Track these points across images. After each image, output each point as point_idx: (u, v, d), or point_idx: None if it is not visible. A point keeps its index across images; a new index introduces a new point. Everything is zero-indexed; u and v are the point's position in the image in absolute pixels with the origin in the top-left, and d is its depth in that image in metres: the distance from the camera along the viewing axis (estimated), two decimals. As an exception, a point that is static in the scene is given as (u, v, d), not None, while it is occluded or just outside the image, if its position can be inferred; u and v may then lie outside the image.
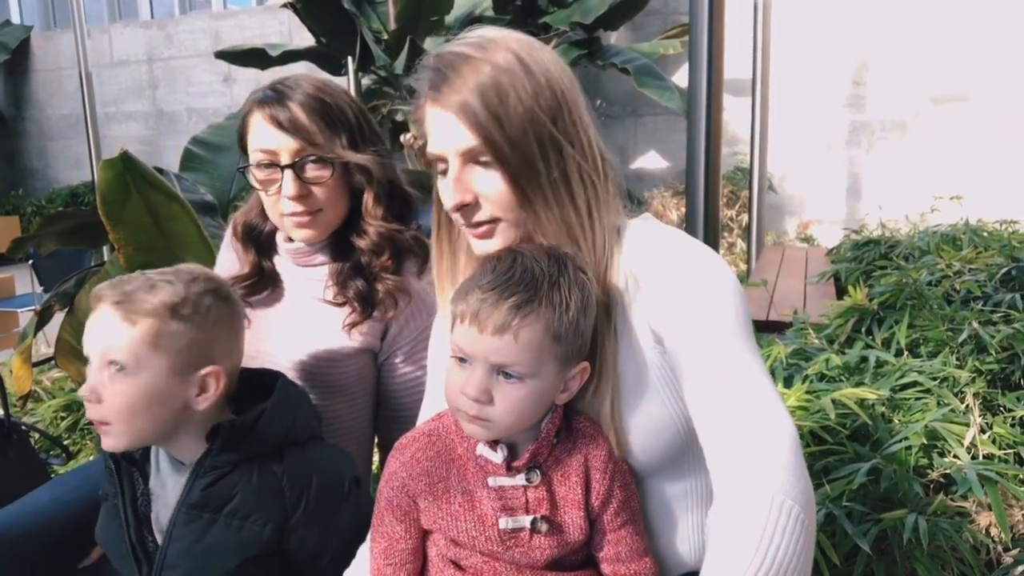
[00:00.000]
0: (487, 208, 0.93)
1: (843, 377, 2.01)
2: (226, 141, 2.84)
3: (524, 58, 0.90)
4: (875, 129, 6.04)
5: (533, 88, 0.89)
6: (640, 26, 6.52)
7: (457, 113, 0.89)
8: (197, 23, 8.39)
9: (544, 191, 0.91)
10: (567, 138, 0.92)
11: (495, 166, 0.90)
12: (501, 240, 0.94)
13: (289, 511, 1.02)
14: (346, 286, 1.28)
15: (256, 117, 1.24)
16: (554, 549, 0.88)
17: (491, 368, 0.84)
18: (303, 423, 1.10)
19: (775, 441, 0.81)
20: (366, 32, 5.53)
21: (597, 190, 0.94)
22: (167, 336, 0.99)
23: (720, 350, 0.88)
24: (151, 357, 0.98)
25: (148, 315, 0.98)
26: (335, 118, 1.25)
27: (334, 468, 1.09)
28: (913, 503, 1.55)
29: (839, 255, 4.15)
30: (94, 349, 0.99)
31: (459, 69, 0.89)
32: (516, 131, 0.88)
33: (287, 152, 1.22)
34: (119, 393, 0.97)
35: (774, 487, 0.76)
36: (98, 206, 1.84)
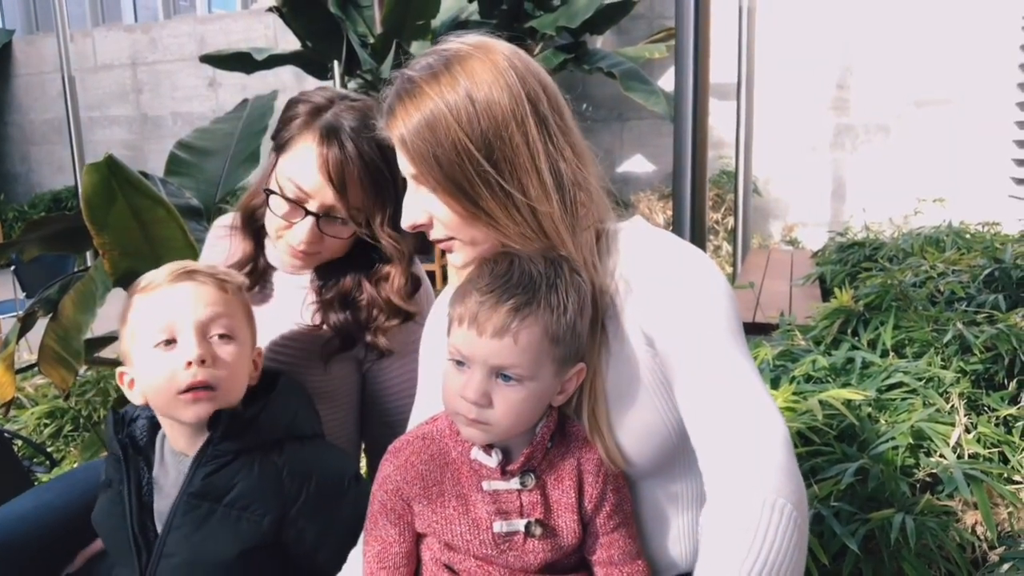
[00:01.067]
0: (439, 228, 0.95)
1: (830, 378, 2.02)
2: (212, 145, 2.83)
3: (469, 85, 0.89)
4: (859, 132, 6.09)
5: (468, 116, 0.88)
6: (625, 30, 6.55)
7: (398, 143, 0.92)
8: (182, 27, 8.34)
9: (494, 208, 0.91)
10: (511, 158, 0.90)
11: (436, 191, 0.93)
12: (462, 256, 0.97)
13: (288, 503, 1.03)
14: (327, 313, 1.26)
15: (308, 146, 1.17)
16: (548, 553, 0.88)
17: (490, 371, 0.84)
18: (305, 419, 1.11)
19: (767, 442, 0.81)
20: (352, 36, 5.52)
21: (553, 203, 0.92)
22: (246, 310, 1.10)
23: (712, 352, 0.88)
24: (245, 324, 1.09)
25: (237, 287, 1.09)
26: (386, 192, 1.19)
27: (335, 464, 1.10)
28: (900, 503, 1.56)
29: (824, 257, 4.18)
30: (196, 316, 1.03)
31: (405, 102, 0.91)
32: (451, 161, 0.89)
33: (321, 201, 1.17)
34: (230, 355, 1.04)
35: (767, 487, 0.77)
36: (83, 210, 1.82)
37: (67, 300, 2.20)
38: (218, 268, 1.10)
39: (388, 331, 1.25)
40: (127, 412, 1.11)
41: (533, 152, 0.91)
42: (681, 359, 0.89)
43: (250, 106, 3.08)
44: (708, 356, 0.88)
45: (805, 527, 0.78)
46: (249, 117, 2.97)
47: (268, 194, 1.21)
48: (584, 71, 5.93)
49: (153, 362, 1.01)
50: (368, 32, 5.94)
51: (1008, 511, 1.61)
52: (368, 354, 1.29)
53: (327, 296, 1.27)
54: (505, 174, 0.90)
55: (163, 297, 1.02)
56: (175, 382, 1.00)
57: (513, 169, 0.91)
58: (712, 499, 0.81)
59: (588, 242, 0.95)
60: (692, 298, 0.90)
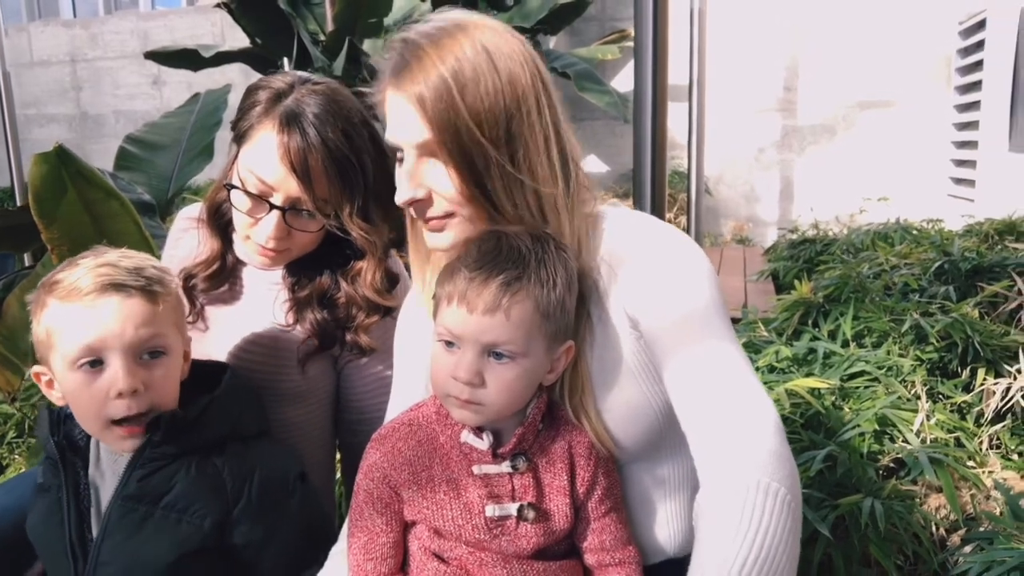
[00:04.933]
0: (440, 203, 0.90)
1: (793, 368, 2.05)
2: (163, 139, 2.74)
3: (491, 51, 0.87)
4: (805, 134, 6.23)
5: (494, 85, 0.86)
6: (578, 32, 6.59)
7: (415, 105, 0.86)
8: (124, 23, 8.10)
9: (498, 188, 0.88)
10: (527, 135, 0.89)
11: (448, 162, 0.88)
12: (453, 235, 0.92)
13: (230, 505, 0.98)
14: (302, 312, 1.20)
15: (269, 134, 1.09)
16: (540, 537, 0.86)
17: (482, 349, 0.82)
18: (250, 418, 1.06)
19: (759, 425, 0.81)
20: (303, 33, 5.43)
21: (559, 184, 0.91)
22: (179, 311, 1.02)
23: (699, 335, 0.87)
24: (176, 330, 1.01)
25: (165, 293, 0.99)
26: (354, 181, 1.12)
27: (277, 463, 1.05)
28: (867, 488, 1.59)
29: (776, 254, 4.26)
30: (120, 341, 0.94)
31: (421, 58, 0.86)
32: (470, 129, 0.85)
33: (285, 194, 1.10)
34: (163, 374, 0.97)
35: (760, 470, 0.76)
36: (30, 203, 1.74)
37: (12, 299, 2.11)
38: (147, 267, 0.97)
39: (368, 328, 1.20)
40: (63, 410, 1.02)
41: (545, 131, 0.90)
42: (667, 343, 0.88)
43: (202, 100, 2.99)
44: (695, 339, 0.86)
45: (799, 510, 0.77)
46: (202, 111, 2.89)
47: (229, 189, 1.14)
48: (538, 71, 5.93)
49: (78, 383, 0.94)
50: (319, 30, 5.85)
51: (971, 493, 1.65)
52: (347, 352, 1.23)
53: (301, 294, 1.21)
54: (519, 153, 0.88)
55: (87, 314, 0.92)
56: (105, 411, 0.93)
57: (526, 147, 0.89)
58: (705, 484, 0.80)
59: (583, 225, 0.94)
60: (676, 280, 0.89)
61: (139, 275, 0.95)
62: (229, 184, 1.14)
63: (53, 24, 8.51)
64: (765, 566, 0.69)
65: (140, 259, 0.99)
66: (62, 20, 8.67)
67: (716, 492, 0.77)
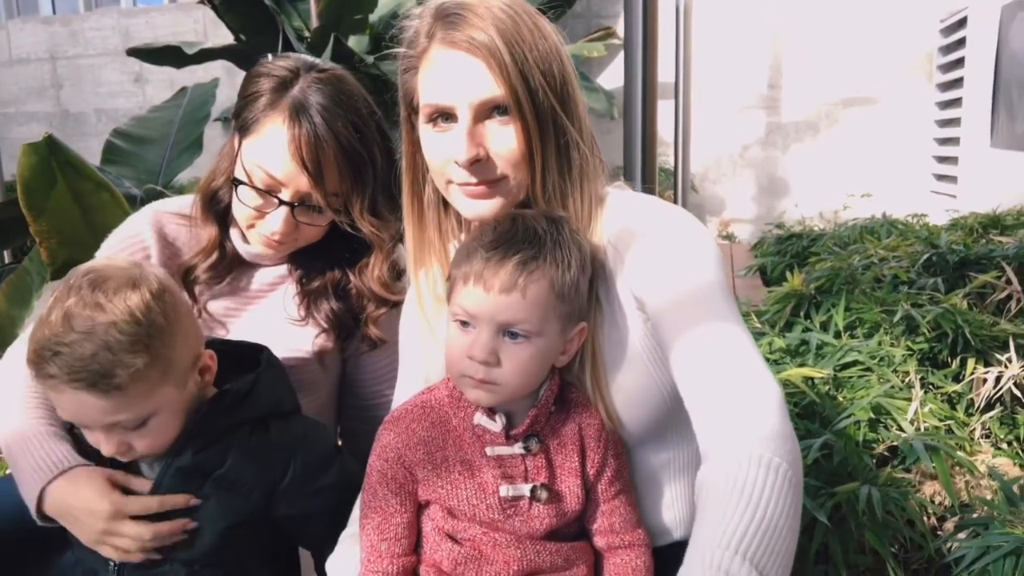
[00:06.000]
0: (498, 165, 0.89)
1: (786, 359, 2.06)
2: (151, 133, 2.71)
3: (534, 15, 0.89)
4: (789, 130, 6.28)
5: (547, 47, 0.88)
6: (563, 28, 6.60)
7: (485, 58, 0.85)
8: (105, 20, 8.01)
9: (549, 153, 0.89)
10: (576, 99, 0.91)
11: (514, 121, 0.87)
12: (497, 202, 0.91)
13: (277, 478, 1.00)
14: (316, 303, 1.18)
15: (277, 127, 1.06)
16: (552, 518, 0.86)
17: (498, 328, 0.82)
18: (288, 396, 1.07)
19: (761, 402, 0.80)
20: (288, 29, 5.39)
21: (586, 161, 0.93)
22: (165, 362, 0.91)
23: (703, 313, 0.86)
24: (158, 396, 0.92)
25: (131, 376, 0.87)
26: (364, 175, 1.10)
27: (318, 437, 1.06)
28: (863, 475, 1.60)
29: (763, 250, 4.29)
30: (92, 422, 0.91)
31: (480, 15, 0.86)
32: (542, 85, 0.86)
33: (295, 189, 1.08)
34: (146, 437, 0.93)
35: (762, 445, 0.76)
36: (19, 194, 1.72)
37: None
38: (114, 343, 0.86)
39: (378, 320, 1.19)
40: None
41: (582, 104, 0.92)
42: (672, 322, 0.87)
43: (190, 94, 2.96)
44: (699, 318, 0.86)
45: (800, 486, 0.77)
46: (189, 104, 2.86)
47: (236, 184, 1.10)
48: (524, 68, 5.93)
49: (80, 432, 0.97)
50: (304, 26, 5.81)
51: (965, 480, 1.66)
52: (359, 345, 1.22)
53: (312, 286, 1.19)
54: (572, 116, 0.89)
55: (60, 399, 0.90)
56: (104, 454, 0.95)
57: (576, 111, 0.90)
58: (707, 458, 0.80)
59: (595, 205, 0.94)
60: (680, 260, 0.89)
61: (88, 368, 0.86)
62: (236, 179, 1.11)
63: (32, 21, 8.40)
64: (765, 538, 0.69)
65: (99, 337, 0.86)
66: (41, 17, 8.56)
67: (718, 465, 0.77)
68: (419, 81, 0.92)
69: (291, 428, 1.03)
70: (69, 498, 0.96)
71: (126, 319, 0.87)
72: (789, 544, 0.71)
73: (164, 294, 0.93)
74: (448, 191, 0.94)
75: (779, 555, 0.68)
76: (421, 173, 0.98)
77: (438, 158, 0.91)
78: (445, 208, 1.00)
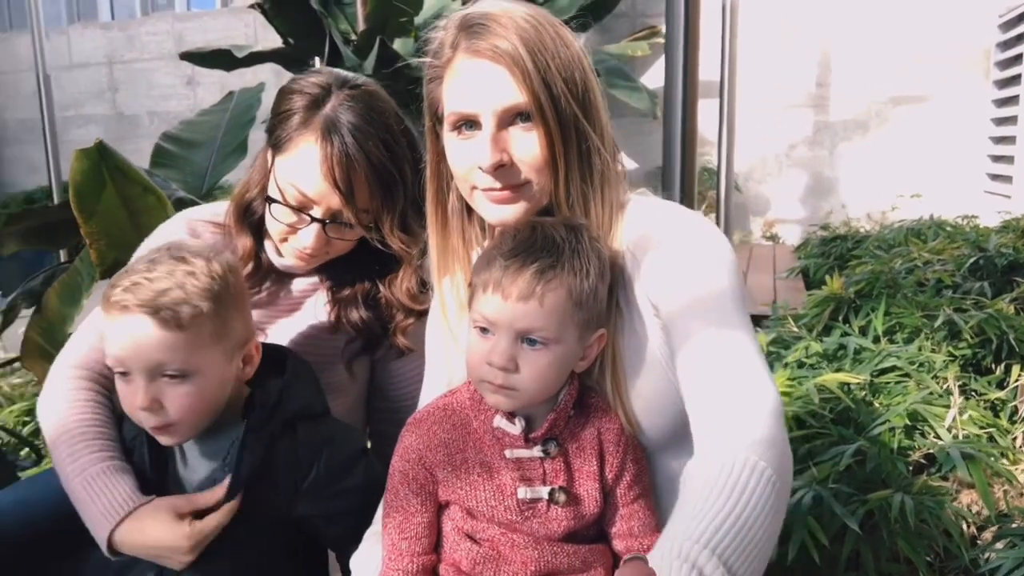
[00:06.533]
0: (521, 170, 0.92)
1: (822, 364, 2.03)
2: (199, 137, 2.79)
3: (557, 25, 0.91)
4: (837, 129, 6.16)
5: (570, 54, 0.90)
6: (608, 28, 6.56)
7: (509, 66, 0.87)
8: (160, 25, 8.24)
9: (571, 159, 0.91)
10: (598, 107, 0.93)
11: (537, 127, 0.89)
12: (521, 207, 0.93)
13: (299, 480, 1.03)
14: (346, 311, 1.21)
15: (309, 146, 1.08)
16: (571, 521, 0.88)
17: (516, 335, 0.84)
18: (317, 398, 1.10)
19: (755, 406, 0.81)
20: (335, 33, 5.48)
21: (608, 167, 0.95)
22: (222, 323, 0.97)
23: (711, 320, 0.87)
24: (207, 354, 0.97)
25: (193, 317, 0.94)
26: (394, 193, 1.12)
27: (344, 439, 1.09)
28: (897, 483, 1.57)
29: (807, 251, 4.22)
30: (137, 362, 0.95)
31: (502, 23, 0.88)
32: (564, 91, 0.88)
33: (326, 206, 1.10)
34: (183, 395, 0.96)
35: (750, 449, 0.76)
36: (71, 197, 1.79)
37: (51, 292, 2.16)
38: (189, 286, 0.95)
39: (406, 330, 1.22)
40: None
41: (604, 112, 0.94)
42: (680, 327, 0.88)
43: (236, 98, 3.05)
44: (707, 325, 0.87)
45: (784, 495, 0.77)
46: (236, 109, 2.94)
47: (269, 202, 1.14)
48: (567, 69, 5.93)
49: (119, 386, 0.99)
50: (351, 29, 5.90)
51: (1003, 489, 1.63)
52: (387, 351, 1.26)
53: (342, 295, 1.22)
54: (593, 122, 0.91)
55: (119, 328, 0.94)
56: (135, 415, 0.98)
57: (597, 118, 0.92)
58: (695, 455, 0.81)
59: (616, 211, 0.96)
60: (693, 266, 0.90)
61: (176, 296, 0.94)
62: (269, 197, 1.15)
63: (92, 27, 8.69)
64: (738, 537, 0.69)
65: (177, 278, 0.96)
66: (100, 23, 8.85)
67: (702, 462, 0.78)
68: (444, 90, 0.94)
69: (318, 430, 1.06)
70: (139, 539, 0.99)
71: (204, 272, 0.97)
72: (763, 547, 0.71)
73: (235, 269, 1.03)
74: (472, 197, 0.96)
75: (750, 556, 0.69)
76: (445, 181, 1.00)
77: (463, 165, 0.94)
78: (469, 216, 1.02)
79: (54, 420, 1.09)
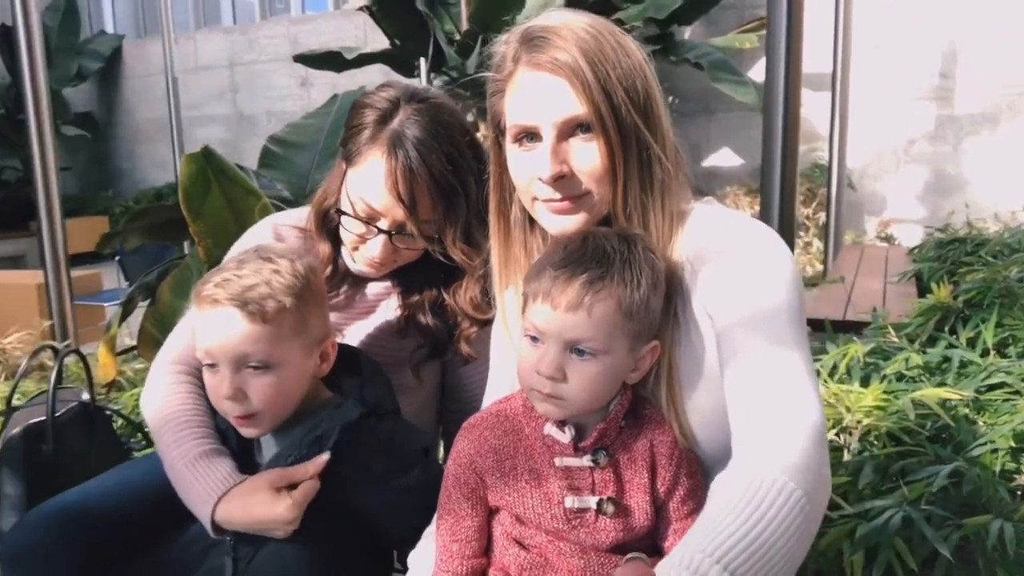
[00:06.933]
0: (582, 181, 0.92)
1: (923, 377, 1.93)
2: (303, 139, 2.94)
3: (618, 34, 0.92)
4: (963, 123, 5.78)
5: (631, 64, 0.90)
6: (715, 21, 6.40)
7: (568, 78, 0.88)
8: (277, 28, 8.64)
9: (632, 168, 0.91)
10: (660, 116, 0.93)
11: (597, 138, 0.90)
12: (582, 217, 0.94)
13: (360, 474, 1.07)
14: (415, 316, 1.26)
15: (376, 161, 1.14)
16: (619, 532, 0.88)
17: (564, 345, 0.85)
18: (388, 397, 1.15)
19: (794, 426, 0.79)
20: (439, 33, 5.59)
21: (669, 176, 0.94)
22: (303, 319, 1.05)
23: (763, 335, 0.85)
24: (287, 348, 1.03)
25: (277, 311, 1.01)
26: (457, 206, 1.17)
27: (406, 438, 1.13)
28: (998, 509, 1.47)
29: (922, 254, 3.99)
30: (224, 353, 1.02)
31: (562, 35, 0.89)
32: (625, 101, 0.89)
33: (392, 218, 1.16)
34: (265, 386, 1.02)
35: (782, 471, 0.74)
36: (180, 199, 1.92)
37: (164, 286, 2.32)
38: (274, 283, 1.03)
39: (470, 338, 1.25)
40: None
41: (666, 120, 0.94)
42: (730, 340, 0.87)
43: (339, 101, 3.17)
44: (759, 341, 0.85)
45: (815, 519, 0.75)
46: (338, 112, 3.06)
47: (340, 215, 1.21)
48: (671, 63, 5.84)
49: (206, 378, 1.06)
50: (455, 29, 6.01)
51: (1121, 521, 1.49)
52: (454, 358, 1.29)
53: (411, 300, 1.27)
54: (655, 133, 0.91)
55: (209, 321, 1.02)
56: (220, 405, 1.05)
57: (659, 128, 0.92)
58: (726, 469, 0.80)
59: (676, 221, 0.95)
60: (750, 280, 0.88)
61: (262, 292, 1.01)
62: (340, 210, 1.21)
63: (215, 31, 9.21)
64: (754, 557, 0.68)
65: (263, 275, 1.03)
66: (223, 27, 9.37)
67: (731, 477, 0.77)
68: (506, 104, 0.96)
69: (380, 428, 1.10)
70: (243, 515, 1.05)
71: (288, 271, 1.05)
72: (781, 570, 0.70)
73: (316, 271, 1.10)
74: (534, 208, 0.97)
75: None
76: (508, 193, 1.02)
77: (524, 176, 0.95)
78: (531, 227, 1.03)
79: (157, 411, 1.18)
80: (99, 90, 10.17)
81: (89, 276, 5.19)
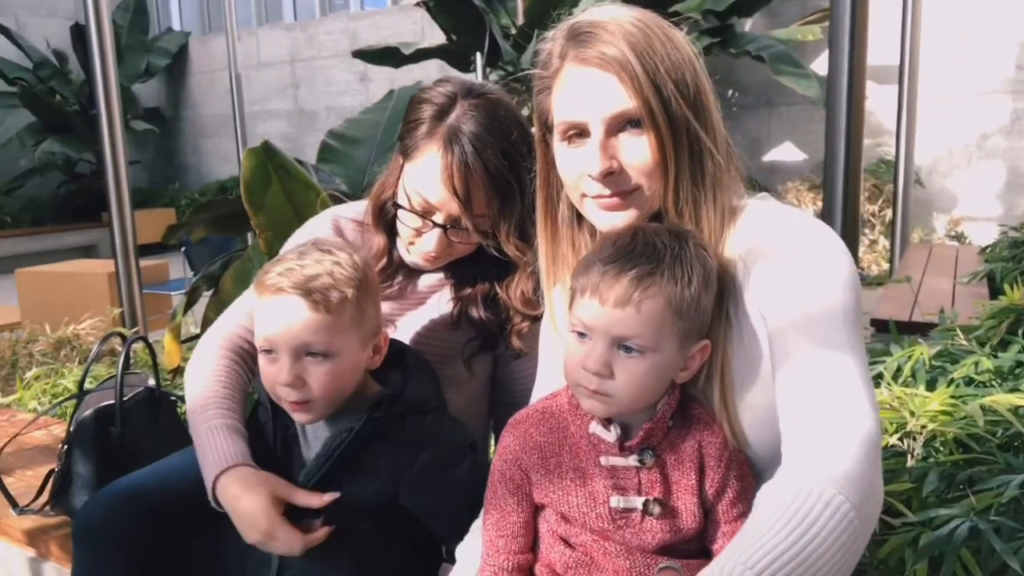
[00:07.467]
0: (631, 176, 0.91)
1: (994, 382, 1.85)
2: (361, 135, 2.98)
3: (666, 27, 0.90)
4: (1040, 118, 5.55)
5: (680, 57, 0.88)
6: (776, 12, 6.27)
7: (617, 72, 0.87)
8: (336, 24, 8.78)
9: (683, 162, 0.89)
10: (710, 109, 0.91)
11: (647, 132, 0.88)
12: (632, 213, 0.92)
13: (404, 471, 1.07)
14: (467, 309, 1.26)
15: (433, 155, 1.15)
16: (666, 534, 0.86)
17: (612, 341, 0.83)
18: (434, 394, 1.15)
19: (845, 436, 0.76)
20: (495, 28, 5.60)
21: (720, 170, 0.92)
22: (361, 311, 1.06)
23: (817, 338, 0.82)
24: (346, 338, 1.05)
25: (339, 301, 1.03)
26: (511, 200, 1.18)
27: (452, 434, 1.13)
28: (1073, 521, 1.41)
29: (994, 254, 3.84)
30: (286, 341, 1.03)
31: (610, 30, 0.88)
32: (674, 94, 0.87)
33: (447, 212, 1.17)
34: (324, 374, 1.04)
35: (830, 483, 0.71)
36: (242, 193, 1.96)
37: (227, 276, 2.38)
38: (336, 274, 1.04)
39: (521, 333, 1.25)
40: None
41: (717, 113, 0.92)
42: (783, 342, 0.84)
43: (396, 97, 3.21)
44: (812, 345, 0.82)
45: (863, 534, 0.72)
46: (395, 107, 3.10)
47: (397, 208, 1.23)
48: (731, 55, 5.74)
49: (262, 364, 1.07)
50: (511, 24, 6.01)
51: None
52: (505, 352, 1.30)
53: (464, 293, 1.28)
54: (706, 126, 0.90)
55: (270, 307, 1.04)
56: (276, 391, 1.06)
57: (710, 121, 0.91)
58: (773, 478, 0.77)
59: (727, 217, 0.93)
60: (805, 281, 0.85)
61: (324, 281, 1.03)
62: (396, 204, 1.23)
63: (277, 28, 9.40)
64: (796, 572, 0.65)
65: (325, 266, 1.05)
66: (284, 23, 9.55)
67: (777, 487, 0.74)
68: (553, 100, 0.95)
69: (427, 424, 1.10)
70: (232, 501, 1.08)
71: (348, 262, 1.07)
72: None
73: (370, 265, 1.12)
74: (583, 205, 0.96)
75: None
76: (555, 190, 1.01)
77: (572, 173, 0.94)
78: (579, 224, 1.02)
79: (197, 384, 1.22)
80: (166, 86, 10.49)
81: (157, 266, 5.37)
